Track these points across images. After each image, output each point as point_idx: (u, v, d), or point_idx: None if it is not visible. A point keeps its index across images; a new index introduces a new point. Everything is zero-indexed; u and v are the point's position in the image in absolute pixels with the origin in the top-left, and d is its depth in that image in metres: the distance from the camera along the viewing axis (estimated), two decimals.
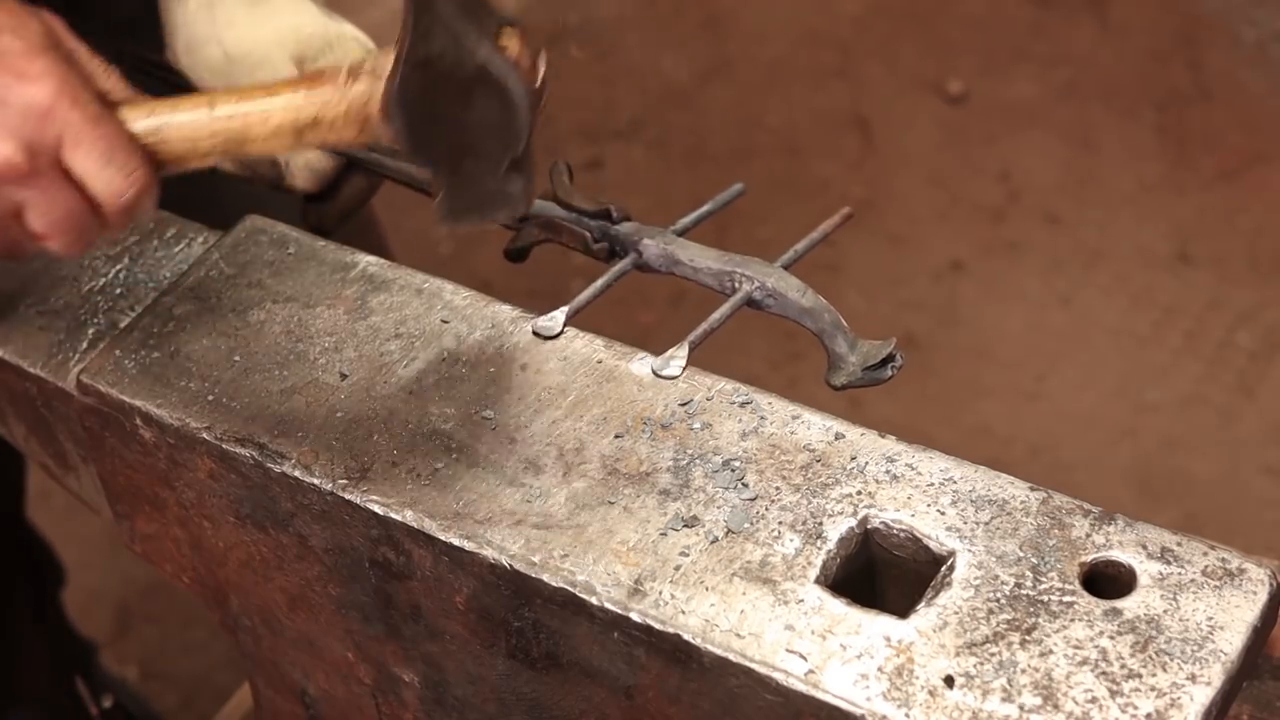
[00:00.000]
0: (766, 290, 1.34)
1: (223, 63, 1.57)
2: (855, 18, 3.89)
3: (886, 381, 1.30)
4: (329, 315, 1.40)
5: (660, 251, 1.39)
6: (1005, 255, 3.37)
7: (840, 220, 1.44)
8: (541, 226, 1.44)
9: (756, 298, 1.34)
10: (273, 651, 1.46)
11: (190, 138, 1.25)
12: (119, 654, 2.82)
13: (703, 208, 1.46)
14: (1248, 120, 3.59)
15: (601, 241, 1.41)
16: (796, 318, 1.33)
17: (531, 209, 1.39)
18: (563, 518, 1.24)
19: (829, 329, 1.32)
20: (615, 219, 1.41)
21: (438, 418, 1.31)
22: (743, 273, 1.34)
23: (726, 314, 1.34)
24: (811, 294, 1.33)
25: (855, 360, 1.31)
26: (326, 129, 1.23)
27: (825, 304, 1.32)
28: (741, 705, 1.16)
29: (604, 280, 1.39)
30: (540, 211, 1.43)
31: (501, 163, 1.21)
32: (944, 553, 1.19)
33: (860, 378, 1.30)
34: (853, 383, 1.31)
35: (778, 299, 1.33)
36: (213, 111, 1.24)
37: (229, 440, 1.32)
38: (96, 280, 1.49)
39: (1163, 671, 1.11)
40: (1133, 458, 3.02)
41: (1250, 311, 3.25)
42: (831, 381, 1.32)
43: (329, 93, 1.22)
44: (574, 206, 1.42)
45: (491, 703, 1.32)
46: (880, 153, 3.59)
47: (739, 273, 1.35)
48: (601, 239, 1.41)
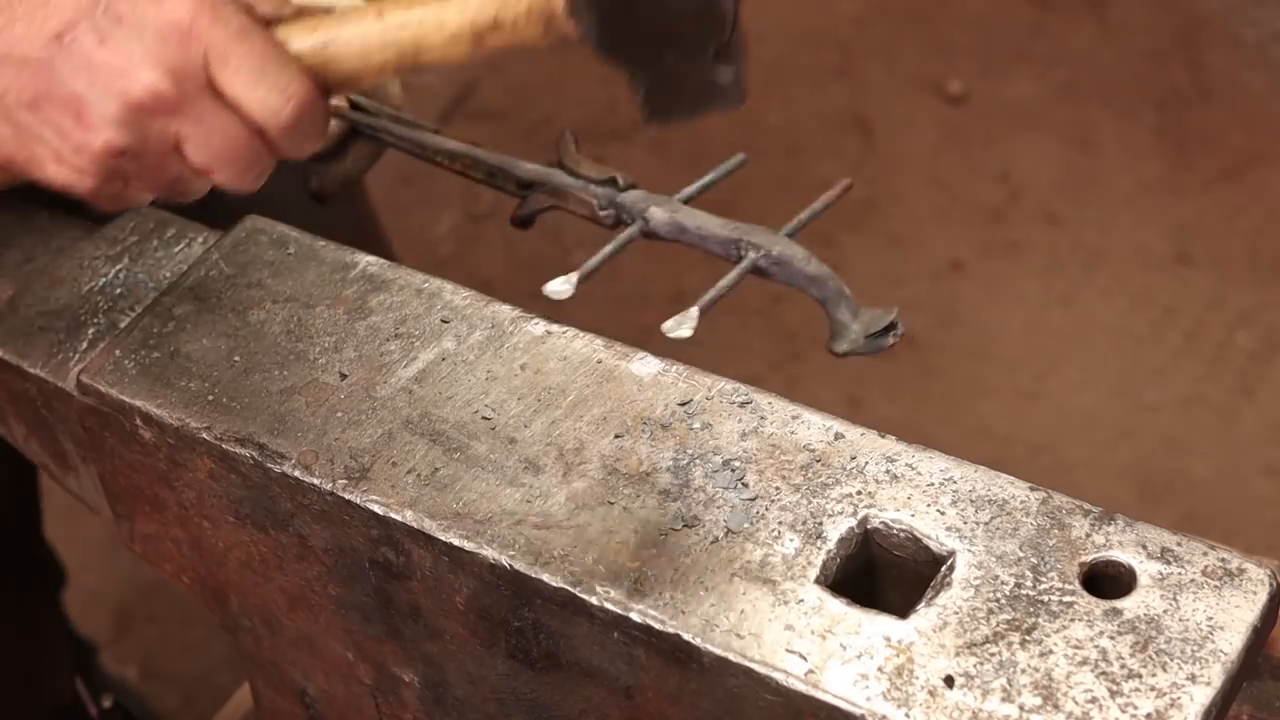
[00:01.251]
0: (772, 258, 1.34)
1: None
2: (855, 18, 3.89)
3: (888, 348, 1.30)
4: (329, 315, 1.40)
5: (667, 219, 1.38)
6: (1005, 255, 3.38)
7: (840, 191, 1.44)
8: (548, 194, 1.44)
9: (762, 265, 1.34)
10: (272, 651, 1.46)
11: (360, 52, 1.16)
12: (119, 654, 2.82)
13: (706, 177, 1.46)
14: (1248, 120, 3.59)
15: (608, 209, 1.41)
16: (801, 285, 1.33)
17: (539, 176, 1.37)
18: (563, 518, 1.24)
19: (833, 296, 1.32)
20: (622, 186, 1.41)
21: (438, 418, 1.31)
22: (749, 240, 1.35)
23: (734, 280, 1.34)
24: (816, 262, 1.33)
25: (858, 328, 1.31)
26: (509, 30, 1.14)
27: (829, 272, 1.32)
28: (741, 705, 1.16)
29: (612, 246, 1.39)
30: (546, 179, 1.43)
31: (707, 51, 1.11)
32: (944, 553, 1.19)
33: (863, 345, 1.30)
34: (855, 350, 1.31)
35: (782, 266, 1.33)
36: (383, 22, 1.15)
37: (229, 440, 1.32)
38: (96, 280, 1.49)
39: (1163, 671, 1.11)
40: (1133, 458, 3.02)
41: (1250, 311, 3.25)
42: (834, 349, 1.32)
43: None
44: (580, 174, 1.42)
45: (491, 703, 1.32)
46: (880, 153, 3.59)
47: (745, 240, 1.35)
48: (608, 206, 1.41)
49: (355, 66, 1.17)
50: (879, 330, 1.30)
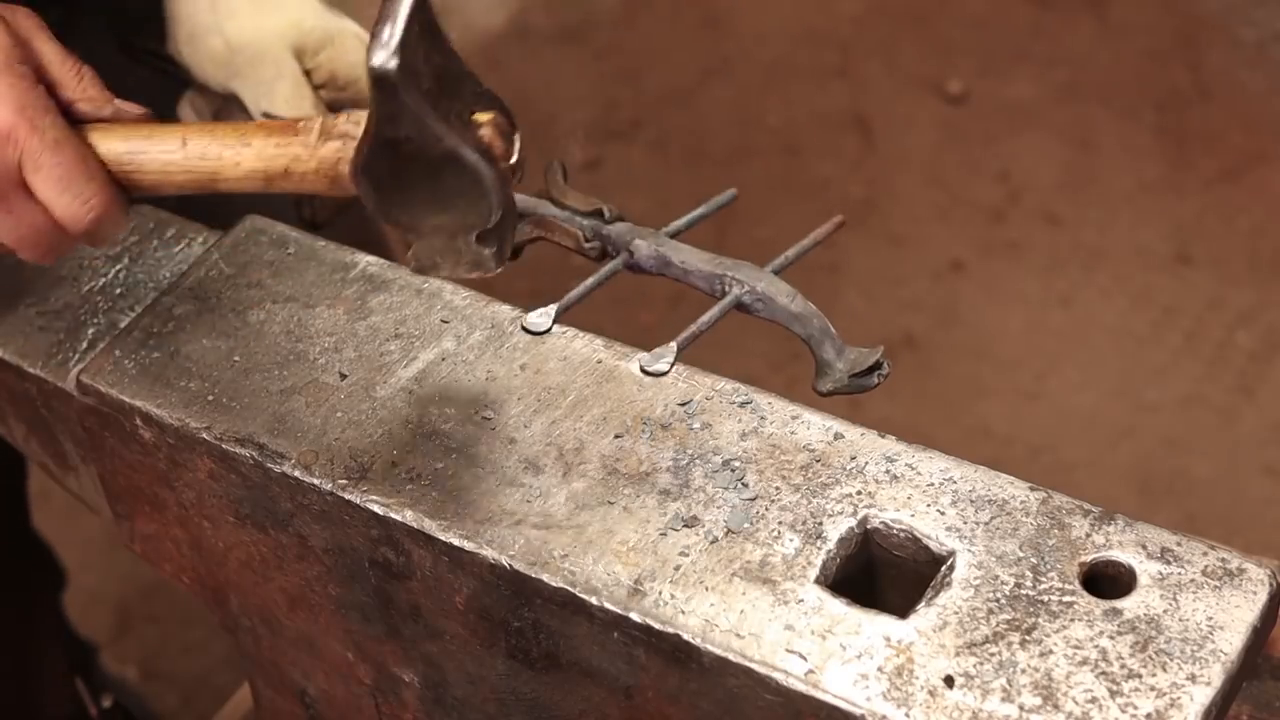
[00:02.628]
0: (756, 294, 1.34)
1: (224, 53, 1.57)
2: (855, 18, 3.89)
3: (872, 389, 1.30)
4: (329, 315, 1.40)
5: (651, 253, 1.39)
6: (1005, 255, 3.38)
7: (832, 228, 1.44)
8: (535, 224, 1.44)
9: (745, 301, 1.34)
10: (272, 651, 1.46)
11: (162, 171, 1.26)
12: (119, 654, 2.82)
13: (696, 211, 1.46)
14: (1248, 120, 3.59)
15: (593, 241, 1.41)
16: (785, 323, 1.33)
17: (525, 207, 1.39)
18: (563, 518, 1.24)
19: (817, 335, 1.32)
20: (608, 219, 1.41)
21: (438, 418, 1.31)
22: (733, 276, 1.35)
23: (715, 317, 1.34)
24: (800, 299, 1.33)
25: (843, 367, 1.31)
26: (298, 179, 1.24)
27: (814, 310, 1.32)
28: (741, 705, 1.16)
29: (593, 280, 1.39)
30: (533, 209, 1.43)
31: (470, 233, 1.21)
32: (944, 553, 1.19)
33: (847, 384, 1.31)
34: (839, 389, 1.31)
35: (766, 304, 1.33)
36: (185, 149, 1.25)
37: (229, 440, 1.32)
38: (96, 280, 1.49)
39: (1162, 671, 1.11)
40: (1133, 458, 3.02)
41: (1250, 311, 3.25)
42: (818, 388, 1.32)
43: (299, 148, 1.23)
44: (567, 205, 1.42)
45: (491, 703, 1.32)
46: (880, 153, 3.59)
47: (729, 276, 1.35)
48: (593, 238, 1.41)
49: (156, 180, 1.27)
50: (864, 370, 1.30)
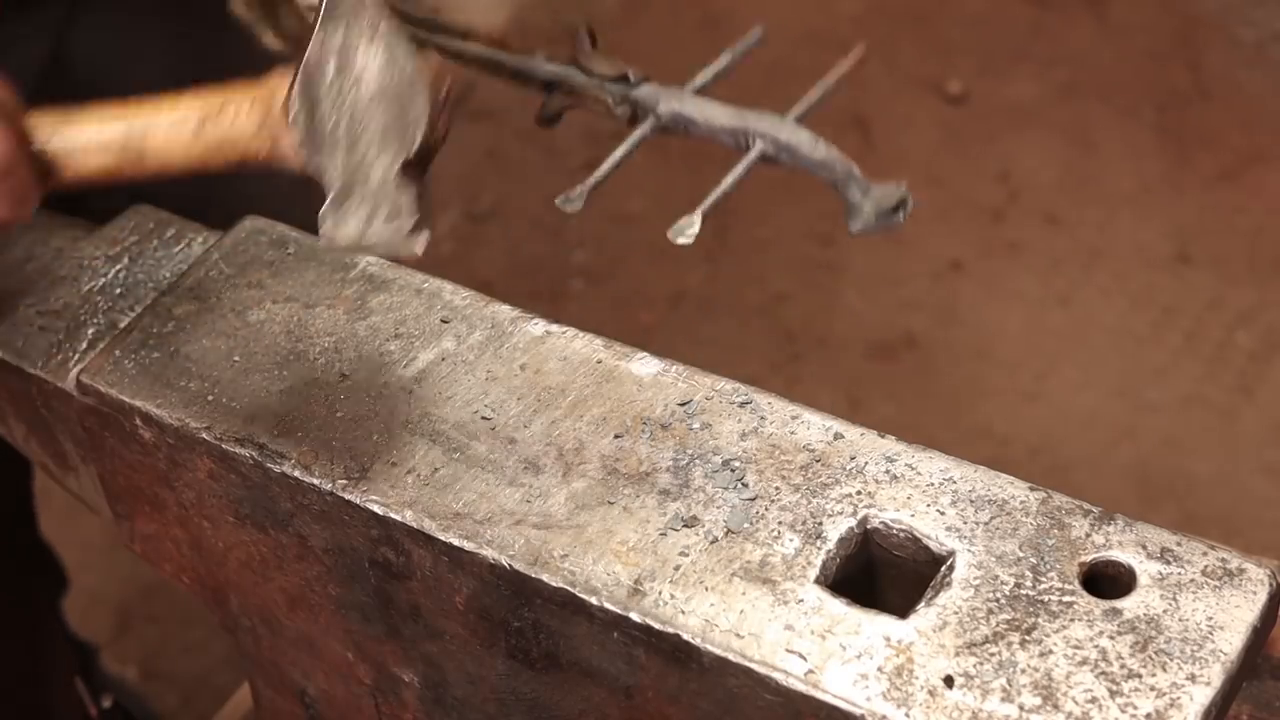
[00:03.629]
0: (780, 145, 1.34)
1: None
2: (855, 18, 3.89)
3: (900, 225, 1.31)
4: (329, 315, 1.41)
5: (674, 112, 1.40)
6: (1005, 255, 3.37)
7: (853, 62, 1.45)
8: (565, 94, 1.46)
9: (770, 153, 1.35)
10: (272, 651, 1.46)
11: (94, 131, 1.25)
12: (119, 654, 2.82)
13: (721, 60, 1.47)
14: (1248, 120, 3.59)
15: (622, 104, 1.43)
16: (811, 170, 1.34)
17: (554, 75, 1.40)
18: (563, 518, 1.24)
19: (843, 178, 1.32)
20: (633, 82, 1.42)
21: (438, 418, 1.31)
22: (756, 129, 1.35)
23: (740, 174, 1.35)
24: (824, 145, 1.33)
25: (869, 208, 1.32)
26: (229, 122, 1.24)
27: (838, 154, 1.33)
28: (741, 705, 1.16)
29: (624, 148, 1.40)
30: (563, 78, 1.45)
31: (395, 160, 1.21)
32: (944, 553, 1.19)
33: (875, 224, 1.31)
34: (868, 229, 1.32)
35: (791, 153, 1.34)
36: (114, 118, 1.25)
37: (229, 440, 1.32)
38: (96, 280, 1.49)
39: (1162, 671, 1.11)
40: (1133, 458, 3.02)
41: (1250, 311, 3.25)
42: (850, 228, 1.33)
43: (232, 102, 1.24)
44: (595, 72, 1.44)
45: (491, 703, 1.32)
46: (880, 153, 3.59)
47: (752, 129, 1.35)
48: (622, 103, 1.43)
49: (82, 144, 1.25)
50: (890, 208, 1.30)
